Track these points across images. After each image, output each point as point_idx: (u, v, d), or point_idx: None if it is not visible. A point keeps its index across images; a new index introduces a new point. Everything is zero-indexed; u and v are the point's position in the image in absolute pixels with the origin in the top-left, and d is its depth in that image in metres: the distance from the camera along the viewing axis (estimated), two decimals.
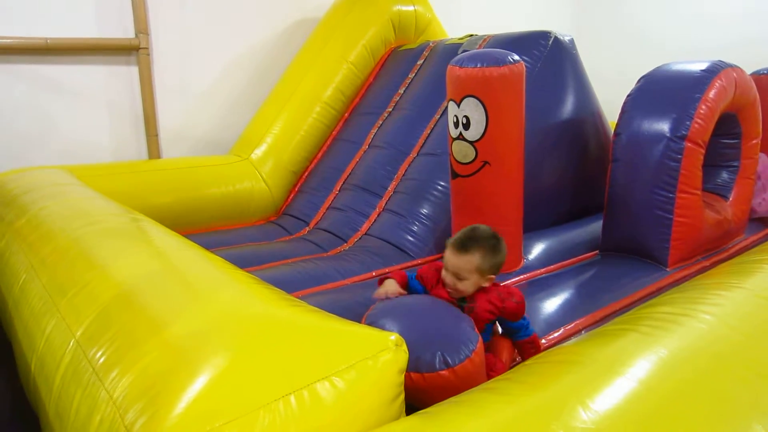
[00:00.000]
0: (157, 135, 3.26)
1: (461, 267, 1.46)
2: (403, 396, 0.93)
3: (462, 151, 2.15)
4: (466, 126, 2.11)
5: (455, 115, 2.14)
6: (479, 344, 1.30)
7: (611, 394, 0.89)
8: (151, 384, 0.87)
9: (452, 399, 0.95)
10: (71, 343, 1.13)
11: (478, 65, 2.05)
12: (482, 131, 2.09)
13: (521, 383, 0.95)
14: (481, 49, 2.24)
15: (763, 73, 2.94)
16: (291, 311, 1.01)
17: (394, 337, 0.92)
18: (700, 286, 1.33)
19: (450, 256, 1.49)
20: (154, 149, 3.26)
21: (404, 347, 0.92)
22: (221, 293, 1.12)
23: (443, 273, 1.51)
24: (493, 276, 1.49)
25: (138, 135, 3.24)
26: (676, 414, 0.87)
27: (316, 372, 0.84)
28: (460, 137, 2.14)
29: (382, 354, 0.89)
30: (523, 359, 1.51)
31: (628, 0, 5.20)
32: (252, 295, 1.10)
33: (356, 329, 0.95)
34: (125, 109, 3.19)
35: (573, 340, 1.21)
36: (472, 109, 2.08)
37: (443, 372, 1.22)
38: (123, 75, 3.14)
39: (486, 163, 2.12)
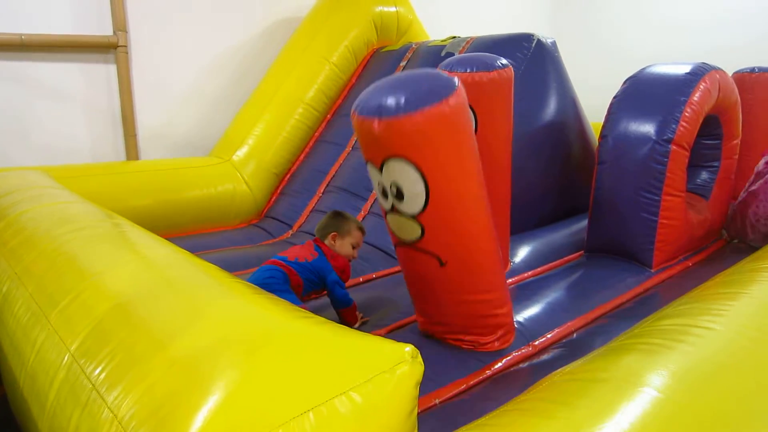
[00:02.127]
0: (135, 135, 3.19)
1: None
2: (417, 410, 0.91)
3: None
4: None
5: None
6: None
7: (643, 409, 0.90)
8: (160, 403, 0.83)
9: (480, 421, 0.93)
10: (66, 358, 1.08)
11: (468, 70, 2.03)
12: None
13: (553, 402, 0.95)
14: (469, 54, 2.23)
15: (746, 72, 2.99)
16: (301, 323, 0.98)
17: (409, 348, 0.90)
18: (707, 297, 1.34)
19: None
20: (132, 150, 3.19)
21: (419, 359, 0.91)
22: (223, 306, 1.08)
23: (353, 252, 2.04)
24: None
25: (116, 135, 3.17)
26: (709, 426, 0.87)
27: (333, 387, 0.82)
28: None
29: (398, 367, 0.87)
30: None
31: (603, 7, 5.32)
32: (257, 307, 1.06)
33: (369, 341, 0.93)
34: (103, 108, 3.12)
35: (590, 355, 1.21)
36: None
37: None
38: (101, 73, 3.07)
39: None
